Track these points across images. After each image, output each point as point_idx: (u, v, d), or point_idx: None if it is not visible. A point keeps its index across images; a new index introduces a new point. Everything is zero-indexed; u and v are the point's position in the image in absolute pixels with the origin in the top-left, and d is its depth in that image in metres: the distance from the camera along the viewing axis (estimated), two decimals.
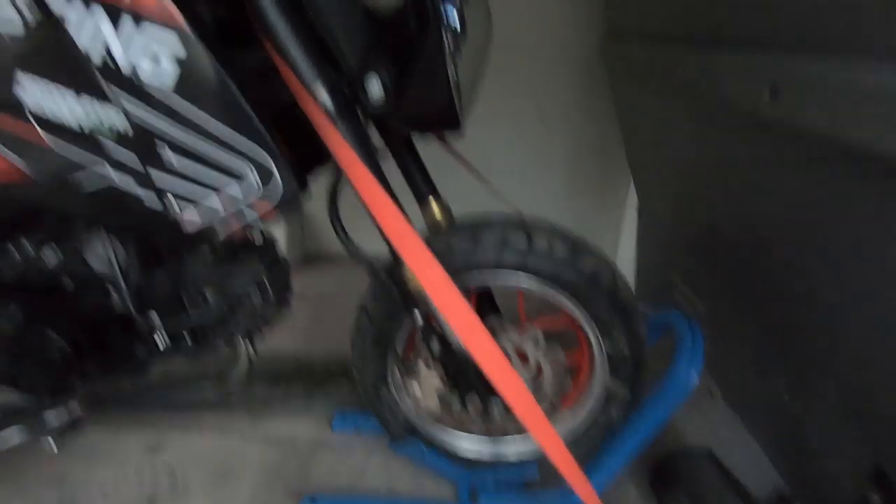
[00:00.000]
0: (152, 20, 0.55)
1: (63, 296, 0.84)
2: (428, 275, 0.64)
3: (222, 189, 0.65)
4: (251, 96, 0.63)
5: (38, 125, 0.64)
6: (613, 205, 2.00)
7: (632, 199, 1.93)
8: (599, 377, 0.95)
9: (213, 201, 0.66)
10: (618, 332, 0.89)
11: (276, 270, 0.93)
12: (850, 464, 0.85)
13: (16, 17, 0.60)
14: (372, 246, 0.86)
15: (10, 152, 0.67)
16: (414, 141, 0.96)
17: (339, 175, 0.82)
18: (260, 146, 0.63)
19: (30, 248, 0.82)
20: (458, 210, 0.99)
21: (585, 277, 0.85)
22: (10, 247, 0.81)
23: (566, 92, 1.88)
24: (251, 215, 0.67)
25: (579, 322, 0.91)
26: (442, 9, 0.66)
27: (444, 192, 1.01)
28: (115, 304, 0.86)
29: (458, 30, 0.68)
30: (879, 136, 0.46)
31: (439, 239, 0.87)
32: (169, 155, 0.63)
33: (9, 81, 0.62)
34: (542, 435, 0.69)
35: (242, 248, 0.92)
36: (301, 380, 1.37)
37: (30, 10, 0.59)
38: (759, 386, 1.16)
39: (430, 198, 0.97)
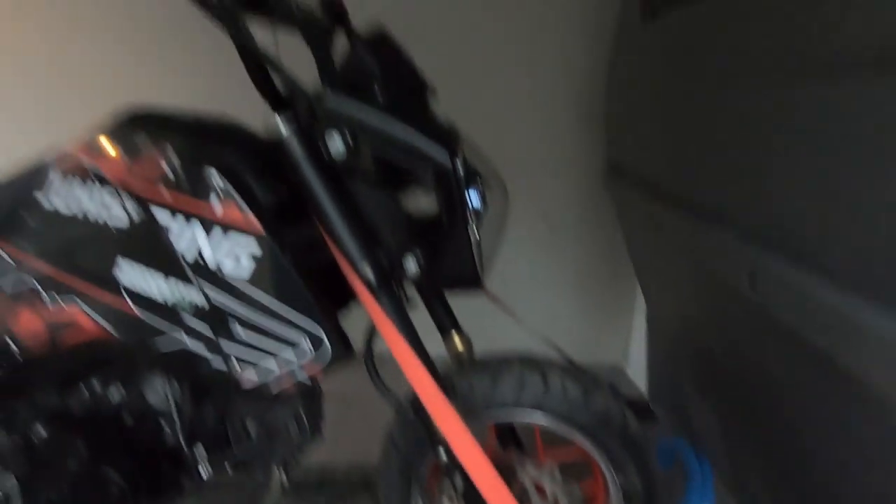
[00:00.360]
0: (238, 229, 0.69)
1: (122, 432, 0.93)
2: (452, 430, 0.73)
3: (279, 354, 0.75)
4: (305, 270, 0.75)
5: (129, 298, 0.76)
6: (623, 309, 2.08)
7: (640, 303, 2.01)
8: None
9: (270, 364, 0.76)
10: (630, 467, 0.94)
11: (312, 402, 1.01)
12: None
13: (124, 216, 0.74)
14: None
15: (100, 317, 0.79)
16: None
17: (373, 328, 0.93)
18: (313, 319, 0.74)
19: (99, 388, 0.92)
20: (481, 325, 1.08)
21: (597, 417, 0.92)
22: (83, 388, 0.92)
23: (573, 203, 2.02)
24: (301, 375, 0.77)
25: (593, 456, 0.97)
26: (467, 195, 0.80)
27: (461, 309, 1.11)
28: (168, 439, 0.94)
29: (480, 208, 0.82)
30: (838, 351, 0.55)
31: (462, 378, 0.96)
32: (237, 328, 0.74)
33: (111, 264, 0.75)
34: None
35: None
36: (324, 493, 1.41)
37: (136, 213, 0.73)
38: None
39: (453, 331, 1.07)
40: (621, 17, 1.29)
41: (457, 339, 1.08)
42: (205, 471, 0.96)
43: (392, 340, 0.75)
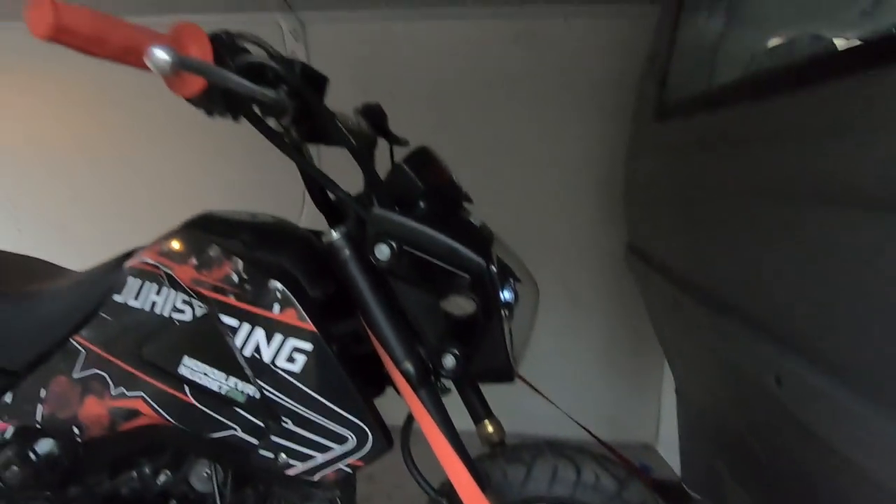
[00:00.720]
0: (295, 334, 0.76)
1: None
2: None
3: (326, 450, 0.80)
4: (353, 377, 0.81)
5: (189, 391, 0.83)
6: (651, 384, 2.07)
7: (669, 378, 2.00)
8: None
9: (317, 459, 0.81)
10: None
11: (347, 488, 1.04)
12: None
13: (191, 317, 0.82)
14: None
15: (160, 407, 0.85)
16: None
17: (409, 422, 0.97)
18: (359, 417, 0.79)
19: (148, 472, 0.97)
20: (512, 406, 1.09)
21: None
22: (133, 470, 0.97)
23: (597, 281, 2.07)
24: (346, 471, 0.81)
25: None
26: (501, 295, 0.86)
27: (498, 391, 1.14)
28: None
29: (513, 303, 0.88)
30: (869, 462, 0.57)
31: (495, 466, 0.98)
32: (287, 422, 0.79)
33: (177, 361, 0.82)
34: None
35: None
36: None
37: (203, 316, 0.81)
38: None
39: (487, 420, 1.10)
40: (637, 115, 1.39)
41: (489, 427, 1.11)
42: None
43: (431, 435, 0.79)
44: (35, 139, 2.27)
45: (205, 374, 0.82)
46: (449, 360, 0.84)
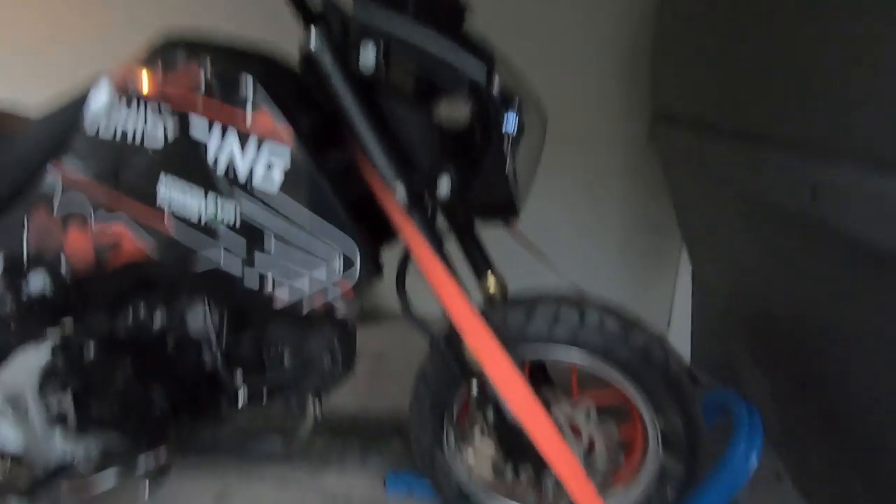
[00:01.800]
0: (271, 139, 0.69)
1: (165, 354, 0.96)
2: (488, 355, 0.71)
3: (311, 272, 0.75)
4: (338, 188, 0.75)
5: (169, 214, 0.78)
6: (666, 273, 2.00)
7: (684, 268, 1.93)
8: (653, 454, 0.95)
9: (303, 282, 0.76)
10: (671, 409, 0.90)
11: (345, 336, 1.02)
12: None
13: (163, 131, 0.75)
14: (430, 309, 0.95)
15: (142, 237, 0.81)
16: (473, 221, 1.06)
17: (406, 256, 0.92)
18: (346, 235, 0.74)
19: (143, 312, 0.95)
20: (514, 283, 1.06)
21: (637, 353, 0.88)
22: (128, 311, 0.95)
23: (617, 162, 1.94)
24: (333, 293, 0.77)
25: (632, 397, 0.93)
26: (504, 117, 0.76)
27: (500, 266, 1.09)
28: (207, 362, 0.97)
29: (517, 131, 0.79)
30: None
31: (495, 312, 0.94)
32: (271, 243, 0.75)
33: (154, 180, 0.77)
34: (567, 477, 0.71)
35: (317, 316, 1.02)
36: (357, 436, 1.43)
37: (174, 126, 0.74)
38: (830, 475, 1.10)
39: (488, 272, 1.05)
40: None
41: (491, 281, 1.06)
42: (242, 396, 0.99)
43: (424, 259, 0.74)
44: None
45: (183, 194, 0.76)
46: (444, 182, 0.76)
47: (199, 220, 0.76)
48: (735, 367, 1.52)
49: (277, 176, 0.71)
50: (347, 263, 0.75)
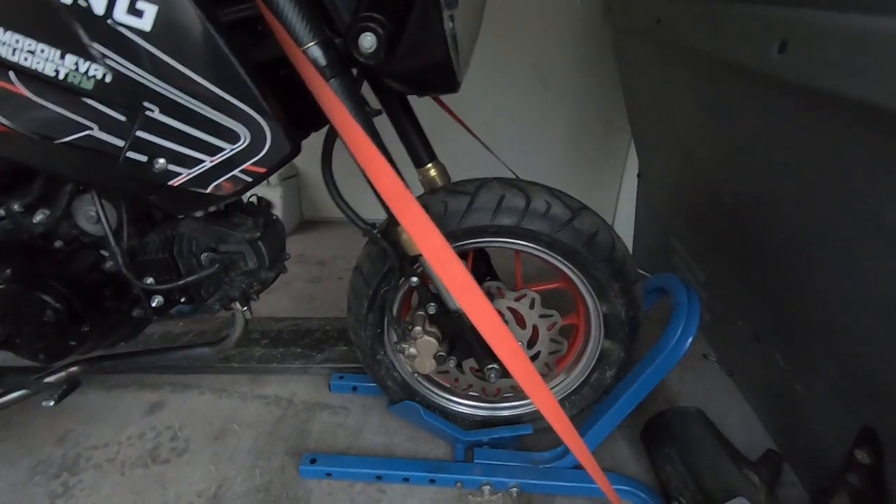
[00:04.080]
0: None
1: (55, 259, 0.83)
2: (424, 237, 0.64)
3: (214, 151, 0.63)
4: (239, 54, 0.60)
5: (16, 77, 0.61)
6: (613, 168, 1.98)
7: (631, 163, 1.91)
8: (595, 339, 0.96)
9: (205, 164, 0.64)
10: (614, 295, 0.89)
11: (270, 232, 0.92)
12: (838, 425, 0.87)
13: None
14: (365, 207, 0.86)
15: None
16: (412, 107, 0.94)
17: (332, 137, 0.80)
18: (252, 109, 0.61)
19: (18, 211, 0.80)
20: (456, 176, 0.98)
21: (583, 239, 0.84)
22: (1, 210, 0.80)
23: (567, 56, 1.83)
24: (244, 179, 0.66)
25: (576, 284, 0.91)
26: None
27: (442, 158, 1.00)
28: (109, 266, 0.85)
29: None
30: (883, 87, 0.44)
31: (435, 199, 0.86)
32: (153, 109, 0.61)
33: None
34: (537, 396, 0.70)
35: (235, 210, 0.91)
36: (299, 343, 1.38)
37: None
38: (754, 351, 1.17)
39: (430, 164, 0.96)
40: None
41: (433, 171, 0.97)
42: (156, 301, 0.88)
43: (347, 131, 0.63)
44: None
45: (30, 52, 0.59)
46: (367, 39, 0.63)
47: (57, 76, 0.60)
48: (672, 258, 1.55)
49: (148, 19, 0.55)
50: (258, 143, 0.63)
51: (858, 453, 0.81)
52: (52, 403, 0.85)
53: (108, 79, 0.60)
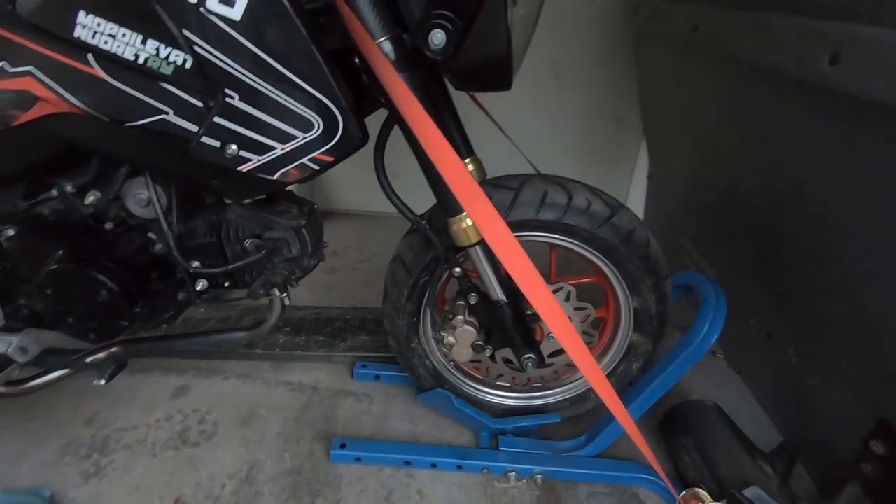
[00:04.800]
0: None
1: (105, 240, 0.84)
2: (490, 225, 0.66)
3: (287, 139, 0.65)
4: (319, 45, 0.62)
5: (95, 59, 0.62)
6: (623, 169, 2.02)
7: (641, 165, 1.96)
8: (623, 332, 0.99)
9: (276, 151, 0.66)
10: (647, 290, 0.93)
11: (313, 221, 0.94)
12: (852, 418, 0.92)
13: None
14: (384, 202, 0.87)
15: (59, 85, 0.65)
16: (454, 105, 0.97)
17: (387, 129, 0.82)
18: (328, 98, 0.63)
19: (70, 192, 0.81)
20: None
21: (621, 236, 0.88)
22: (54, 191, 0.81)
23: (584, 54, 1.86)
24: (311, 167, 0.68)
25: (609, 279, 0.94)
26: None
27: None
28: (158, 249, 0.86)
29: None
30: None
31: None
32: (233, 97, 0.62)
33: (70, 22, 0.60)
34: (591, 374, 0.73)
35: (281, 198, 0.92)
36: (321, 331, 1.40)
37: None
38: (765, 347, 1.22)
39: (468, 159, 0.98)
40: None
41: (471, 166, 1.00)
42: (201, 284, 0.90)
43: (418, 122, 0.65)
44: None
45: (111, 35, 0.61)
46: (437, 36, 0.66)
47: (137, 60, 0.61)
48: (681, 256, 1.60)
49: (238, 9, 0.57)
50: (331, 132, 0.65)
51: (874, 444, 0.86)
52: (102, 382, 0.86)
53: (188, 65, 0.61)
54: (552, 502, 1.02)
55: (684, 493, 0.65)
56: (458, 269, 0.88)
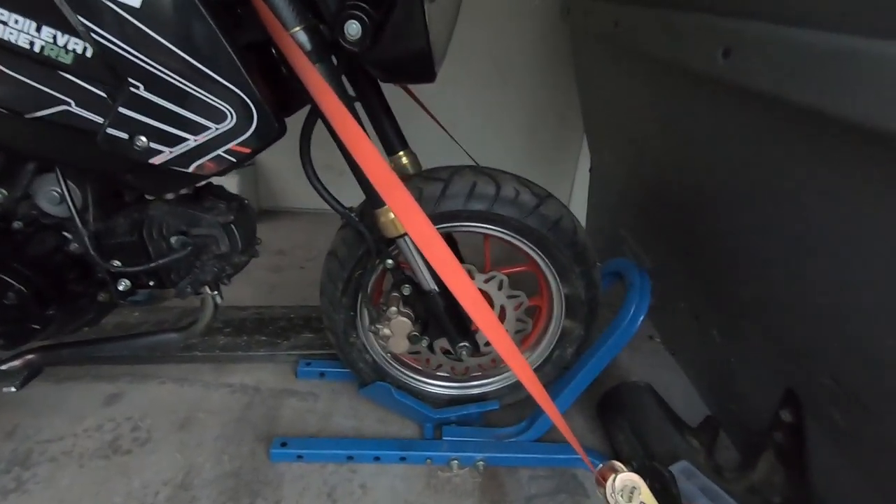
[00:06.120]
0: None
1: (14, 240, 0.80)
2: (410, 217, 0.67)
3: (199, 130, 0.63)
4: (227, 34, 0.61)
5: None
6: (567, 163, 2.08)
7: (584, 158, 2.02)
8: (557, 319, 1.03)
9: (189, 142, 0.64)
10: (576, 277, 0.96)
11: (243, 216, 0.92)
12: (766, 390, 0.99)
13: None
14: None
15: None
16: (385, 96, 0.97)
17: (311, 123, 0.81)
18: (240, 89, 0.62)
19: None
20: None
21: (549, 224, 0.90)
22: None
23: (525, 51, 1.90)
24: (228, 159, 0.66)
25: (540, 267, 0.97)
26: None
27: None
28: (73, 248, 0.83)
29: None
30: (820, 96, 0.52)
31: (410, 185, 0.89)
32: (138, 87, 0.60)
33: None
34: (514, 363, 0.74)
35: (207, 193, 0.90)
36: (263, 331, 1.38)
37: None
38: (693, 329, 1.29)
39: (402, 152, 0.99)
40: None
41: (405, 159, 1.01)
42: (123, 285, 0.87)
43: (334, 113, 0.65)
44: None
45: (2, 22, 0.58)
46: (353, 27, 0.66)
47: (33, 48, 0.58)
48: (621, 245, 1.67)
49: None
50: (244, 123, 0.64)
51: (783, 413, 0.92)
52: (13, 389, 0.82)
53: (88, 53, 0.59)
54: (494, 488, 1.04)
55: (601, 466, 0.69)
56: (389, 261, 0.88)
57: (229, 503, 0.97)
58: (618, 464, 0.67)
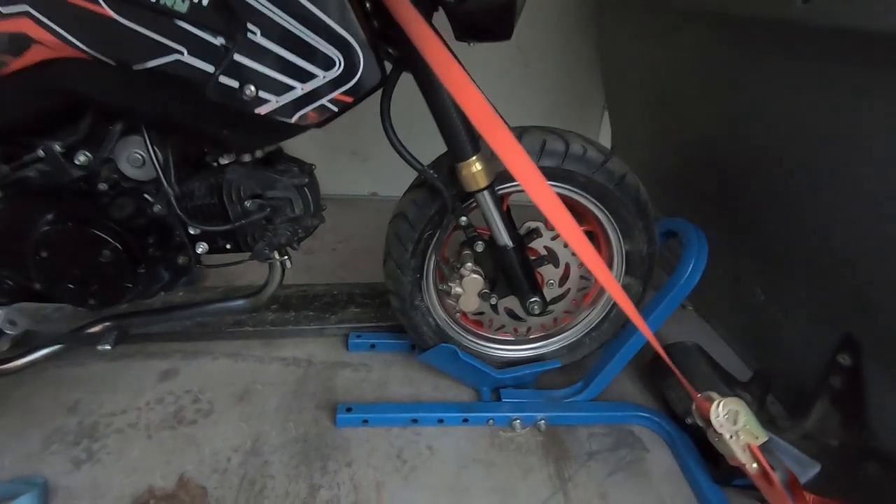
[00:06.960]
0: None
1: (100, 203, 0.80)
2: (513, 156, 0.69)
3: (307, 77, 0.65)
4: None
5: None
6: None
7: (603, 139, 2.06)
8: (616, 275, 1.05)
9: (296, 91, 0.65)
10: (638, 233, 0.99)
11: (314, 180, 0.93)
12: (817, 341, 1.02)
13: None
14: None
15: (60, 27, 0.61)
16: None
17: (394, 76, 0.83)
18: (351, 35, 0.63)
19: (59, 152, 0.76)
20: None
21: (615, 180, 0.93)
22: (40, 151, 0.76)
23: (547, 31, 1.93)
24: (331, 109, 0.68)
25: (603, 224, 1.00)
26: None
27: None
28: (156, 210, 0.83)
29: None
30: None
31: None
32: (255, 32, 0.61)
33: None
34: (608, 284, 0.78)
35: (280, 158, 0.91)
36: (309, 307, 1.38)
37: None
38: (731, 293, 1.33)
39: None
40: None
41: None
42: (201, 247, 0.88)
43: (440, 58, 0.66)
44: None
45: None
46: None
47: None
48: None
49: None
50: (351, 71, 0.65)
51: (841, 356, 0.96)
52: (108, 347, 0.82)
53: (204, 1, 0.60)
54: (556, 445, 1.06)
55: (700, 395, 0.71)
56: (464, 218, 0.90)
57: (301, 466, 0.98)
58: (713, 393, 0.70)
